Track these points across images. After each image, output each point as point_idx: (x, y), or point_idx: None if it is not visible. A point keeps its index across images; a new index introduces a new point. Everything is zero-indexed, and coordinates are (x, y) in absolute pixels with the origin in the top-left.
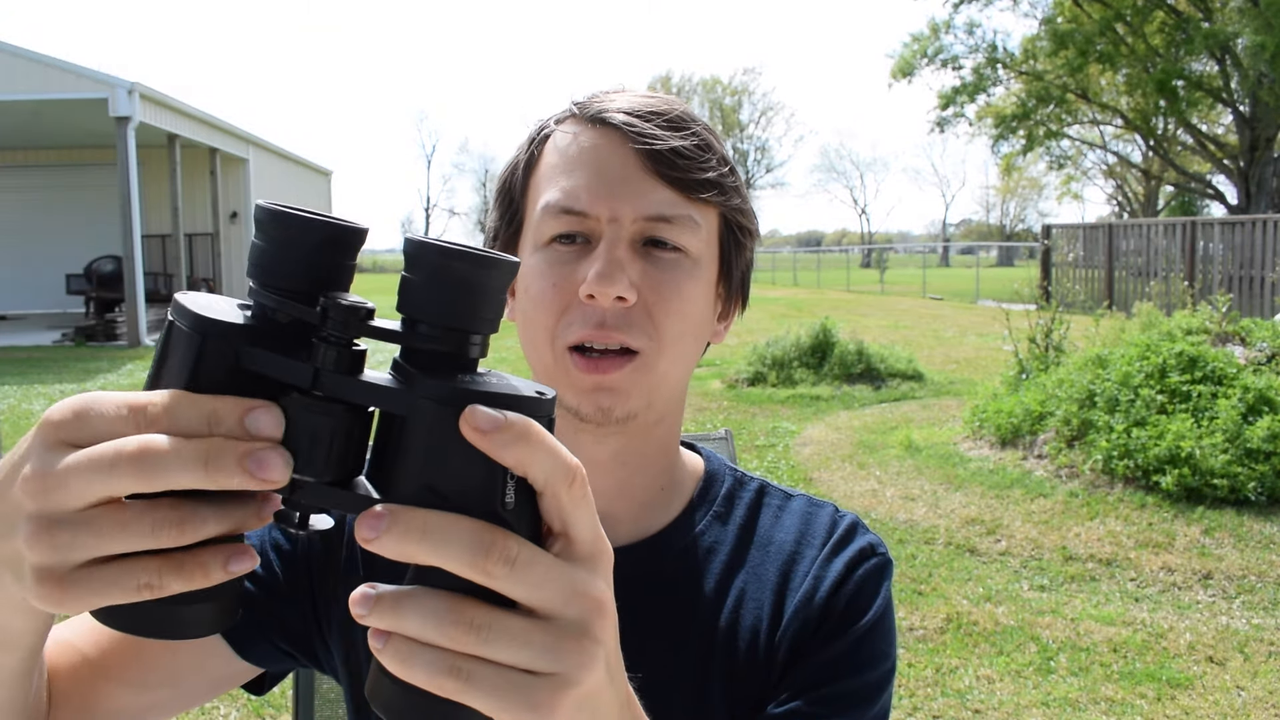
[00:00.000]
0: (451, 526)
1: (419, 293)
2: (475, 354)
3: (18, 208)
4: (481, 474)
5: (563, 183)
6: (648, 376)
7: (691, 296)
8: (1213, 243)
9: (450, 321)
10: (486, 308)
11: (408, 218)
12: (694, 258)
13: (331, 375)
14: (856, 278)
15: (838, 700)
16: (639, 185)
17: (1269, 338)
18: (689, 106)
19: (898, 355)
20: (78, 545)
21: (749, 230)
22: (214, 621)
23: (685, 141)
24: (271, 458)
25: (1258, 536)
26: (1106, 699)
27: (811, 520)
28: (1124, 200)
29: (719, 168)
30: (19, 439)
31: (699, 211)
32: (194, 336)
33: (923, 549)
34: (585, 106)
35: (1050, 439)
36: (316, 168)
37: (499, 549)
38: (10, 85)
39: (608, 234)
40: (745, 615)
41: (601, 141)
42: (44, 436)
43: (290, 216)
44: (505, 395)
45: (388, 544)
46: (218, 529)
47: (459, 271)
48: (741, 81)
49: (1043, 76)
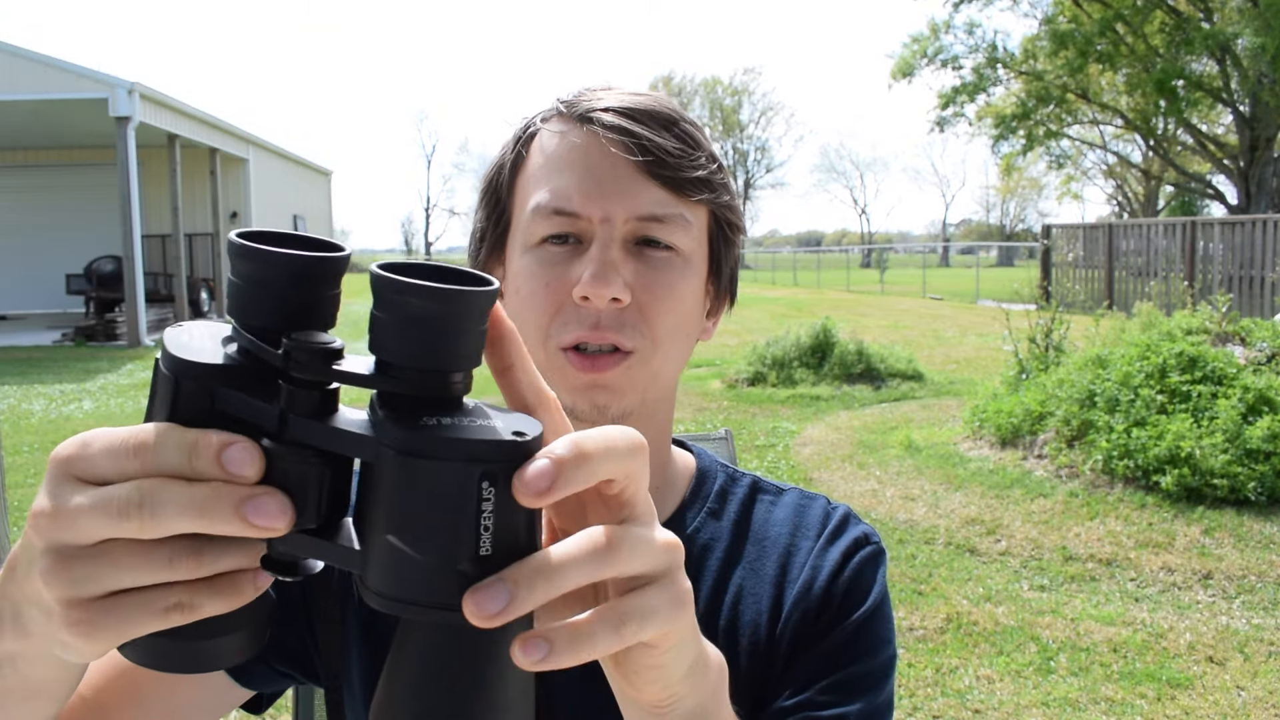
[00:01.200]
0: (570, 561)
1: (385, 333)
2: (457, 392)
3: (18, 208)
4: (452, 527)
5: (553, 183)
6: (642, 374)
7: (684, 295)
8: (1213, 243)
9: (423, 363)
10: (463, 343)
11: (408, 218)
12: (686, 256)
13: (297, 419)
14: (856, 278)
15: (846, 687)
16: (630, 185)
17: (1269, 338)
18: (676, 104)
19: (898, 355)
20: (96, 577)
21: (738, 226)
22: (245, 649)
23: (674, 140)
24: (267, 504)
25: (1258, 536)
26: (1106, 699)
27: (805, 512)
28: (1124, 200)
29: (708, 165)
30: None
31: (690, 210)
32: (169, 378)
33: (923, 549)
34: (573, 105)
35: (1050, 439)
36: (316, 168)
37: (613, 543)
38: (10, 85)
39: (600, 235)
40: (745, 610)
41: (591, 141)
42: (53, 472)
43: (256, 251)
44: (476, 442)
45: (517, 611)
46: (237, 562)
47: (426, 309)
48: (742, 81)
49: (1043, 76)
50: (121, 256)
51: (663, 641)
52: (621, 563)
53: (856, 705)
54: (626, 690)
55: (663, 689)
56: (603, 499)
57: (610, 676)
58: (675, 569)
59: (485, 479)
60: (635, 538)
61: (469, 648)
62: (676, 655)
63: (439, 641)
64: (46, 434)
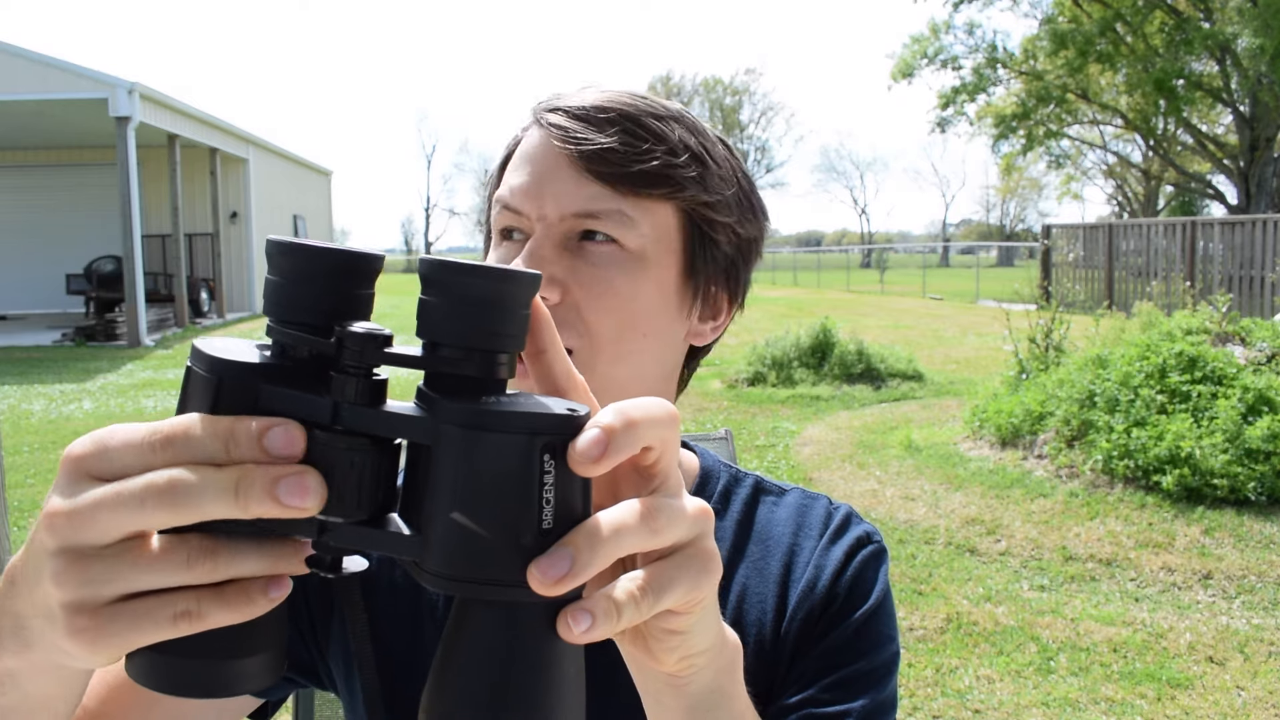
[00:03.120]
0: (621, 528)
1: (438, 313)
2: (503, 374)
3: (18, 208)
4: (517, 501)
5: (511, 180)
6: (587, 377)
7: (626, 292)
8: (1213, 243)
9: (473, 341)
10: (509, 324)
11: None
12: (631, 252)
13: (351, 408)
14: (856, 278)
15: (849, 684)
16: (565, 184)
17: (1269, 338)
18: (656, 101)
19: (898, 355)
20: (111, 577)
21: (723, 225)
22: (263, 676)
23: (624, 136)
24: (301, 483)
25: (1258, 536)
26: (1106, 699)
27: (807, 512)
28: (1124, 200)
29: (668, 158)
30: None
31: (635, 206)
32: (210, 379)
33: (923, 549)
34: (538, 108)
35: (1050, 439)
36: (316, 168)
37: (653, 512)
38: (10, 85)
39: (537, 232)
40: (749, 609)
41: (541, 140)
42: (67, 471)
43: (301, 248)
44: (535, 414)
45: (579, 578)
46: (256, 568)
47: (478, 288)
48: (742, 81)
49: (1043, 76)
50: (121, 256)
51: (691, 608)
52: (663, 531)
53: (859, 702)
54: (646, 662)
55: (683, 658)
56: (636, 470)
57: (628, 651)
58: (706, 535)
59: (546, 451)
60: (671, 507)
61: (529, 625)
62: (701, 622)
63: (499, 621)
64: (46, 434)
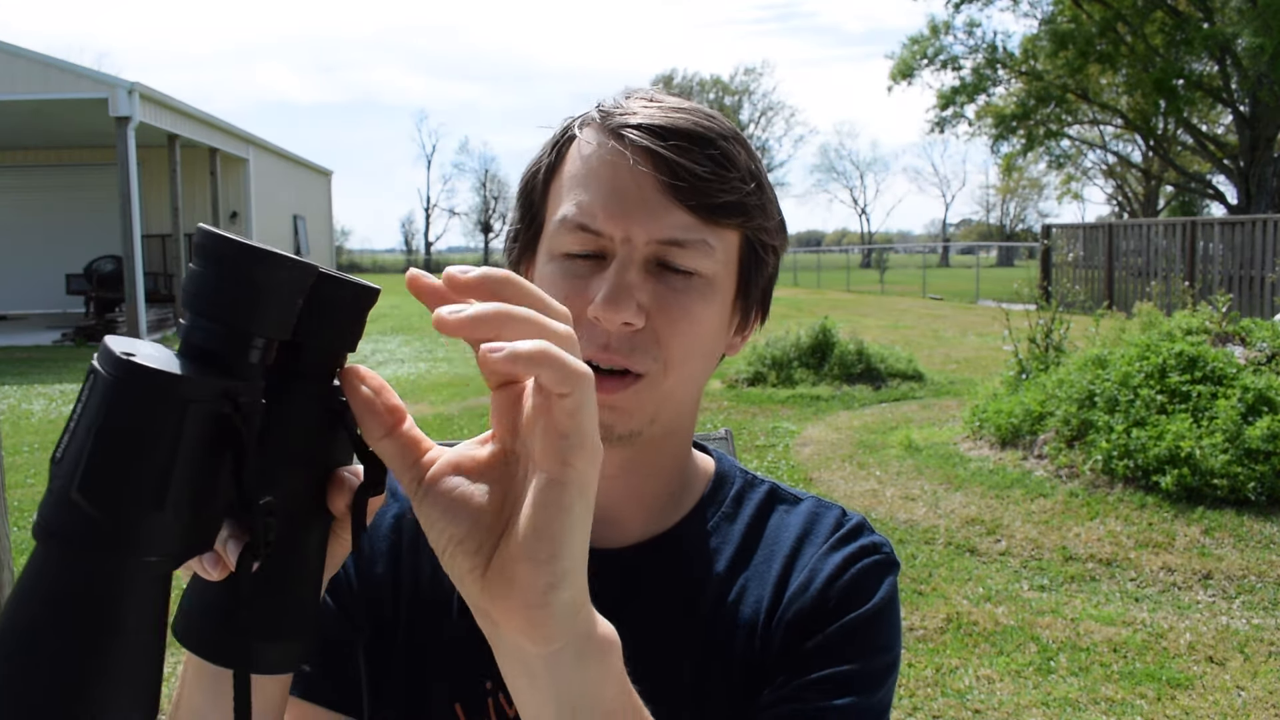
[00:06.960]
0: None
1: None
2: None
3: (18, 208)
4: None
5: (579, 197)
6: (651, 397)
7: (702, 319)
8: (1213, 243)
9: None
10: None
11: (408, 218)
12: (708, 279)
13: None
14: (856, 278)
15: (834, 683)
16: (655, 207)
17: (1269, 338)
18: (720, 117)
19: (898, 355)
20: None
21: (771, 247)
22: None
23: (707, 162)
24: None
25: (1258, 536)
26: (1106, 699)
27: (818, 520)
28: (1124, 200)
29: (742, 186)
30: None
31: (715, 235)
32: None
33: (923, 549)
34: (609, 116)
35: (1050, 439)
36: (316, 168)
37: None
38: (10, 85)
39: (620, 255)
40: (745, 610)
41: (619, 158)
42: None
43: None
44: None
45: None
46: None
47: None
48: (742, 82)
49: (1043, 76)
50: (121, 256)
51: (574, 409)
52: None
53: (844, 700)
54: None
55: (551, 566)
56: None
57: (502, 630)
58: None
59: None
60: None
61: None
62: (582, 442)
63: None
64: (46, 434)
